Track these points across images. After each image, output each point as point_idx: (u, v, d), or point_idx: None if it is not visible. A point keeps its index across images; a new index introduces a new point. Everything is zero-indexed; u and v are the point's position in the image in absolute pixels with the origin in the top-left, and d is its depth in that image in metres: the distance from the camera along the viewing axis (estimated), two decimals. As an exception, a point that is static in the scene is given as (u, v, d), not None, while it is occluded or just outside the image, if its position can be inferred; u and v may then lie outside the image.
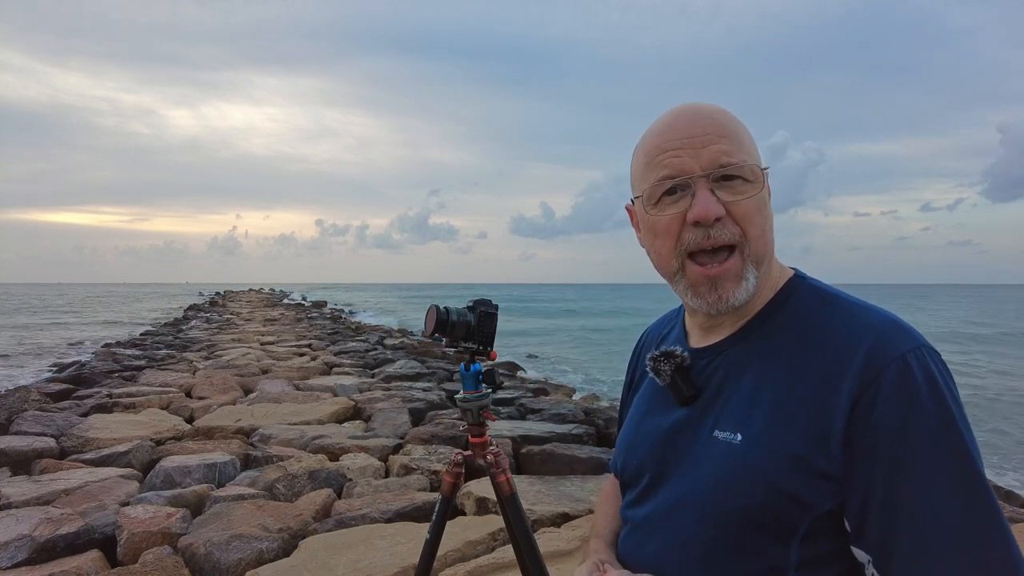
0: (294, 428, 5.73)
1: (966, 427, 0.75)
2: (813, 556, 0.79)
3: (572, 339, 28.47)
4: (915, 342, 0.78)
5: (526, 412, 6.78)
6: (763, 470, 0.80)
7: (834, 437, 0.77)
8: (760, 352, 0.87)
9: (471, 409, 1.89)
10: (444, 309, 1.83)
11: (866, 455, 0.75)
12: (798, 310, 0.88)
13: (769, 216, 0.87)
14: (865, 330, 0.80)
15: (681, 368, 0.94)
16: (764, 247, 0.86)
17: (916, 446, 0.73)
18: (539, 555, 1.84)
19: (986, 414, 11.15)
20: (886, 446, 0.74)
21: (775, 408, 0.82)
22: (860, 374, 0.77)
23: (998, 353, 22.00)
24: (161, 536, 3.38)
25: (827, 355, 0.81)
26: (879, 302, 0.85)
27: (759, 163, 0.87)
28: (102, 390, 7.75)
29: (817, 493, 0.78)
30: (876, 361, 0.77)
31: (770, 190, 0.89)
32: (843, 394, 0.77)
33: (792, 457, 0.79)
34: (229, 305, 38.80)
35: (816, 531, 0.79)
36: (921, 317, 41.97)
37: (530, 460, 4.85)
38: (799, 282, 0.91)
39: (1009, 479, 7.24)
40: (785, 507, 0.78)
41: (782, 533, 0.79)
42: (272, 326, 20.64)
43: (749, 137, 0.89)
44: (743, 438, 0.83)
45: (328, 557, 3.14)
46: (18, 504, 3.77)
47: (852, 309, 0.85)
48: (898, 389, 0.75)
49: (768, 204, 0.87)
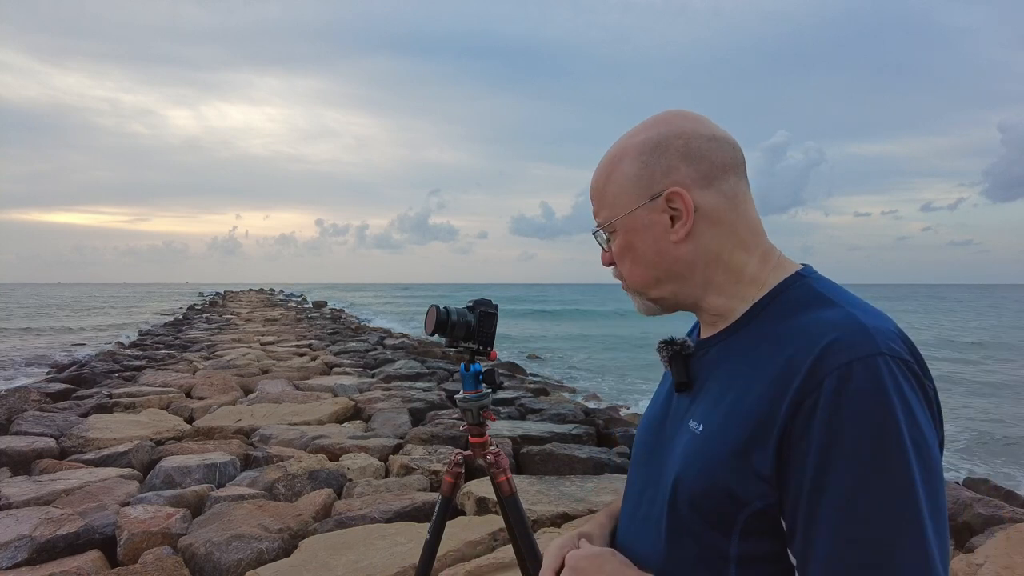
0: (294, 428, 5.73)
1: (909, 442, 0.72)
2: (753, 553, 0.80)
3: (572, 339, 28.47)
4: (871, 349, 0.76)
5: (526, 412, 6.79)
6: (708, 462, 0.83)
7: (772, 438, 0.77)
8: (737, 349, 0.90)
9: (471, 409, 1.89)
10: (444, 309, 1.83)
11: (798, 461, 0.75)
12: (781, 309, 0.88)
13: (636, 256, 0.95)
14: (824, 332, 0.79)
15: (678, 356, 0.97)
16: (637, 280, 0.96)
17: (842, 459, 0.72)
18: (539, 555, 1.84)
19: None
20: (815, 455, 0.74)
21: (733, 404, 0.84)
22: (805, 378, 0.76)
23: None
24: (161, 536, 3.38)
25: (784, 355, 0.81)
26: (882, 303, 0.85)
27: (621, 209, 0.94)
28: (102, 390, 7.75)
29: (750, 491, 0.79)
30: (822, 366, 0.76)
31: (681, 208, 0.91)
32: (787, 397, 0.77)
33: (734, 452, 0.80)
34: (229, 305, 38.81)
35: (754, 529, 0.80)
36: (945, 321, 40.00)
37: (530, 460, 4.85)
38: (796, 280, 0.91)
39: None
40: (722, 500, 0.81)
41: (722, 525, 0.81)
42: (272, 326, 20.65)
43: (618, 183, 0.94)
44: (703, 429, 0.86)
45: (328, 557, 3.14)
46: (18, 504, 3.77)
47: (825, 306, 0.85)
48: (835, 397, 0.74)
49: (635, 244, 0.94)
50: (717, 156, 0.91)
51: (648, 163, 0.92)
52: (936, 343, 25.22)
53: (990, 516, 3.75)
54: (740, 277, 0.92)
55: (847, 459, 0.72)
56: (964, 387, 14.80)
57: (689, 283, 0.94)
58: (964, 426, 10.43)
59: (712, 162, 0.91)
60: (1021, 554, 2.99)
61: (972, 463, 8.20)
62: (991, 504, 3.91)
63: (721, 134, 0.93)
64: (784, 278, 0.91)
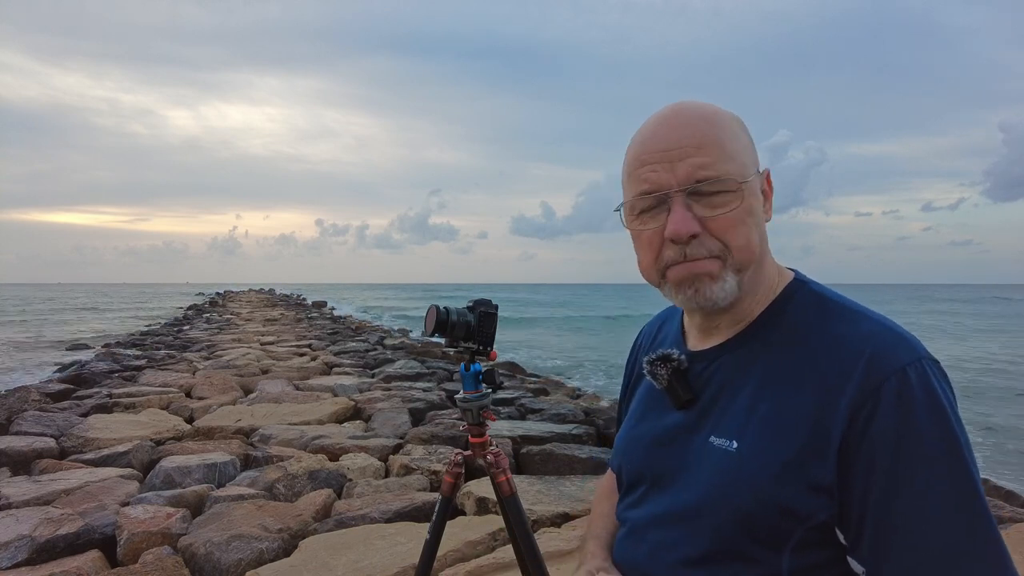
0: (294, 428, 5.73)
1: (965, 443, 0.74)
2: (805, 565, 0.79)
3: (574, 339, 28.48)
4: (916, 354, 0.77)
5: (526, 412, 6.78)
6: (758, 479, 0.80)
7: (831, 448, 0.76)
8: (760, 358, 0.86)
9: (471, 409, 1.89)
10: (444, 309, 1.83)
11: (864, 467, 0.74)
12: (799, 316, 0.87)
13: (756, 224, 0.86)
14: (865, 340, 0.79)
15: (678, 372, 0.93)
16: (749, 256, 0.86)
17: (914, 461, 0.72)
18: (539, 555, 1.84)
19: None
20: (884, 459, 0.73)
21: (772, 417, 0.81)
22: (859, 386, 0.76)
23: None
24: (161, 536, 3.38)
25: (826, 365, 0.80)
26: (884, 302, 0.84)
27: (746, 169, 0.86)
28: (102, 390, 7.75)
29: (811, 504, 0.77)
30: (876, 373, 0.76)
31: (768, 191, 0.88)
32: (841, 405, 0.76)
33: (787, 467, 0.78)
34: (229, 305, 38.80)
35: (809, 541, 0.78)
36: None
37: (530, 460, 4.84)
38: (799, 286, 0.90)
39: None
40: (778, 517, 0.78)
41: (775, 542, 0.79)
42: (272, 326, 20.64)
43: (737, 141, 0.87)
44: (739, 446, 0.83)
45: (328, 557, 3.14)
46: (18, 504, 3.77)
47: (852, 317, 0.84)
48: (898, 402, 0.74)
49: (756, 211, 0.86)
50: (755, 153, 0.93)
51: (748, 137, 0.91)
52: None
53: (990, 516, 3.75)
54: (763, 279, 0.90)
55: (916, 462, 0.72)
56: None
57: (760, 272, 0.89)
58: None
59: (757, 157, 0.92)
60: (1021, 554, 2.99)
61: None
62: (991, 504, 3.91)
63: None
64: (787, 284, 0.91)
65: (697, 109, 0.87)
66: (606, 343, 25.22)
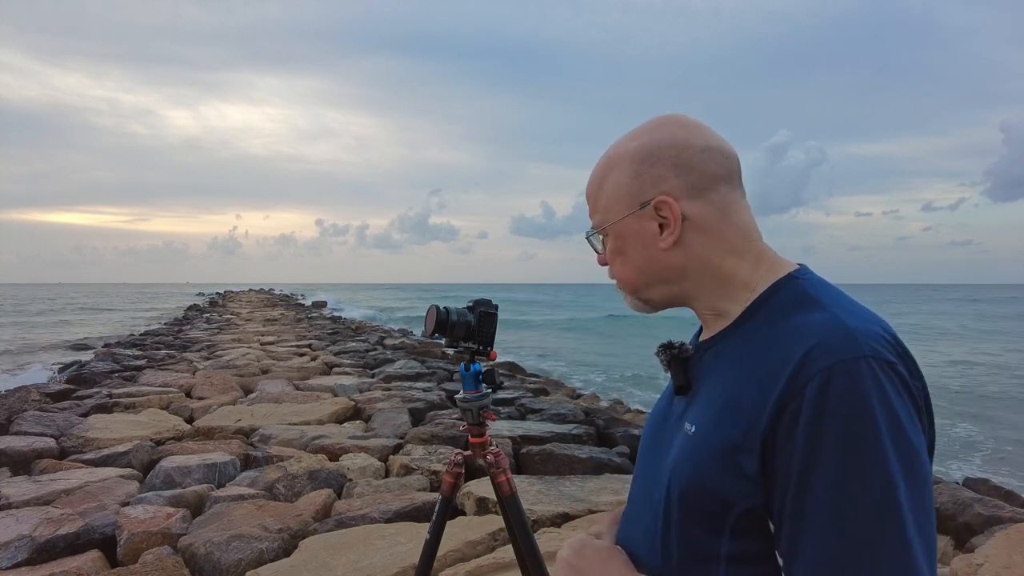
0: (294, 428, 5.73)
1: (889, 444, 0.73)
2: (743, 552, 0.82)
3: (573, 340, 28.47)
4: (853, 352, 0.77)
5: (526, 412, 6.79)
6: (698, 462, 0.85)
7: (757, 439, 0.79)
8: (729, 352, 0.91)
9: (471, 409, 1.89)
10: (444, 309, 1.83)
11: (783, 464, 0.76)
12: (770, 312, 0.89)
13: (629, 259, 0.98)
14: (808, 334, 0.80)
15: (677, 359, 0.98)
16: (627, 284, 1.00)
17: (824, 461, 0.73)
18: (539, 555, 1.84)
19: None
20: (800, 458, 0.75)
21: (723, 404, 0.86)
22: (790, 380, 0.78)
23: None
24: (161, 536, 3.38)
25: (773, 356, 0.82)
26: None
27: (610, 215, 0.98)
28: (102, 390, 7.75)
29: (738, 492, 0.80)
30: (806, 369, 0.77)
31: (667, 219, 0.93)
32: (771, 400, 0.78)
33: (722, 452, 0.82)
34: (229, 305, 38.81)
35: (744, 529, 0.81)
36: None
37: (530, 460, 4.85)
38: (787, 282, 0.91)
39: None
40: (711, 501, 0.82)
41: (712, 526, 0.83)
42: (272, 326, 20.65)
43: (606, 190, 0.98)
44: (695, 431, 0.88)
45: (328, 557, 3.14)
46: (18, 504, 3.77)
47: (814, 307, 0.85)
48: (817, 402, 0.75)
49: (626, 248, 0.98)
50: (708, 167, 0.93)
51: (639, 172, 0.95)
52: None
53: (990, 516, 3.75)
54: (730, 281, 0.94)
55: (829, 462, 0.73)
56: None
57: (679, 286, 0.97)
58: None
59: (702, 173, 0.93)
60: (1021, 554, 2.99)
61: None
62: (991, 504, 3.91)
63: (715, 144, 0.94)
64: (774, 280, 0.92)
65: (602, 160, 1.01)
66: (617, 347, 24.37)
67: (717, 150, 0.94)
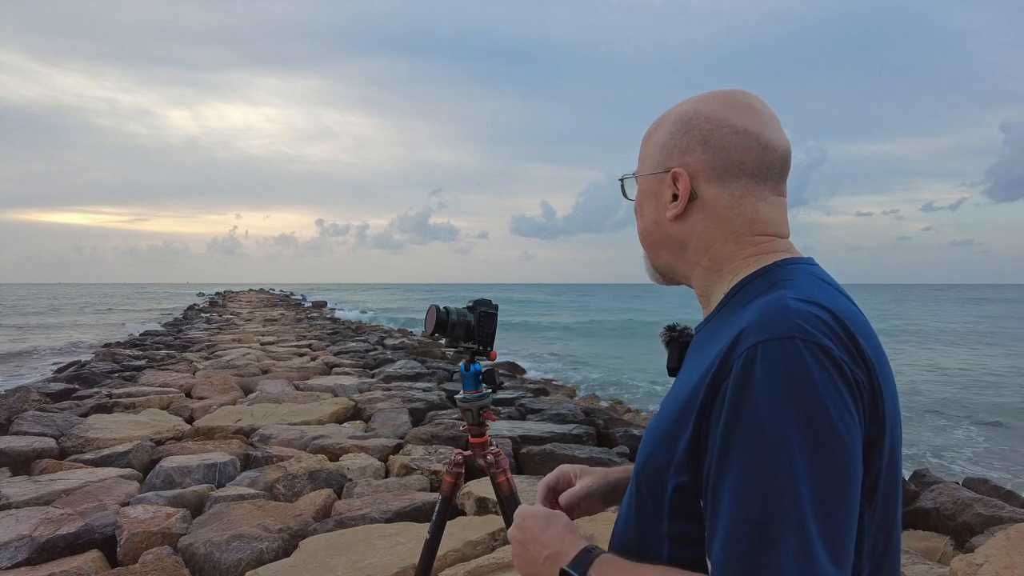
0: (294, 428, 5.73)
1: (798, 425, 0.72)
2: (682, 532, 0.83)
3: (574, 340, 28.47)
4: (780, 332, 0.75)
5: (526, 412, 6.79)
6: (652, 441, 0.87)
7: (692, 419, 0.80)
8: (704, 335, 0.94)
9: (471, 409, 1.89)
10: (444, 309, 1.83)
11: (710, 443, 0.77)
12: (741, 298, 0.89)
13: (645, 215, 0.99)
14: (747, 317, 0.80)
15: (675, 342, 1.02)
16: (645, 239, 1.01)
17: (737, 441, 0.73)
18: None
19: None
20: (720, 437, 0.75)
21: (680, 386, 0.89)
22: (720, 363, 0.78)
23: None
24: (161, 536, 3.38)
25: (722, 336, 0.83)
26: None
27: (643, 166, 0.99)
28: (102, 390, 7.75)
29: (673, 469, 0.82)
30: (735, 350, 0.77)
31: (678, 191, 0.92)
32: (707, 380, 0.79)
33: (666, 432, 0.84)
34: (229, 305, 38.80)
35: (679, 508, 0.82)
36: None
37: (530, 460, 4.85)
38: (767, 270, 0.90)
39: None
40: (655, 479, 0.85)
41: (656, 504, 0.85)
42: (272, 326, 20.65)
43: (652, 141, 0.97)
44: (659, 411, 0.92)
45: (328, 557, 3.14)
46: (18, 504, 3.77)
47: (772, 289, 0.85)
48: (741, 380, 0.75)
49: (644, 204, 0.99)
50: (736, 152, 0.89)
51: (674, 135, 0.94)
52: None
53: (990, 516, 3.75)
54: (722, 266, 0.94)
55: (740, 443, 0.74)
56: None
57: (679, 258, 0.98)
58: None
59: (729, 156, 0.89)
60: (1021, 554, 2.99)
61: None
62: (991, 504, 3.91)
63: (760, 132, 0.89)
64: (757, 268, 0.90)
65: (663, 113, 1.00)
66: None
67: (757, 138, 0.89)
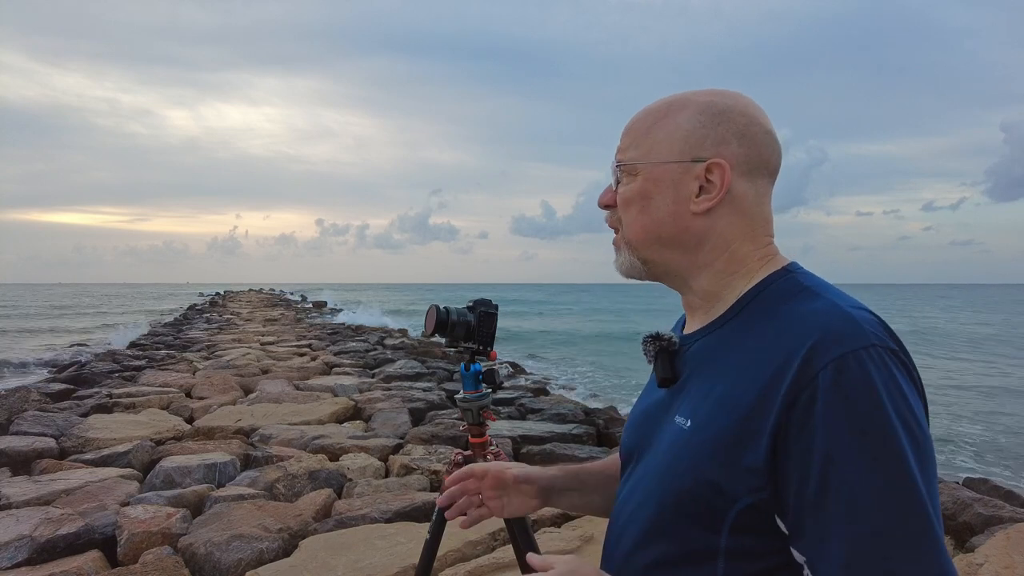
0: (294, 428, 5.73)
1: (903, 431, 0.73)
2: (743, 548, 0.80)
3: (574, 340, 28.47)
4: (862, 342, 0.76)
5: (526, 412, 6.79)
6: (698, 456, 0.82)
7: (765, 433, 0.77)
8: (725, 342, 0.89)
9: (471, 409, 1.89)
10: (444, 309, 1.83)
11: (799, 457, 0.75)
12: (768, 302, 0.88)
13: (648, 208, 0.92)
14: (812, 326, 0.79)
15: (664, 351, 0.96)
16: (634, 235, 0.94)
17: (843, 453, 0.72)
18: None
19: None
20: (819, 451, 0.73)
21: (721, 397, 0.83)
22: (799, 372, 0.76)
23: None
24: (161, 536, 3.38)
25: (773, 349, 0.81)
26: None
27: (654, 155, 0.92)
28: (102, 390, 7.75)
29: (741, 486, 0.78)
30: (815, 361, 0.76)
31: (714, 183, 0.89)
32: (780, 392, 0.77)
33: (724, 446, 0.80)
34: (229, 305, 38.79)
35: (745, 524, 0.79)
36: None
37: (530, 460, 4.85)
38: (782, 275, 0.91)
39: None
40: (712, 496, 0.80)
41: (711, 522, 0.81)
42: (272, 326, 20.64)
43: (664, 130, 0.92)
44: (691, 424, 0.86)
45: (328, 557, 3.14)
46: (18, 504, 3.77)
47: (812, 298, 0.84)
48: (833, 391, 0.74)
49: (653, 195, 0.91)
50: (764, 151, 0.91)
51: (706, 124, 0.90)
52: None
53: (990, 516, 3.75)
54: (738, 268, 0.92)
55: (849, 456, 0.72)
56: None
57: (689, 257, 0.93)
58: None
59: (759, 154, 0.91)
60: (1021, 554, 2.99)
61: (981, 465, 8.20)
62: (991, 504, 3.91)
63: (774, 134, 0.93)
64: (771, 272, 0.91)
65: (665, 100, 0.95)
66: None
67: (775, 140, 0.93)
